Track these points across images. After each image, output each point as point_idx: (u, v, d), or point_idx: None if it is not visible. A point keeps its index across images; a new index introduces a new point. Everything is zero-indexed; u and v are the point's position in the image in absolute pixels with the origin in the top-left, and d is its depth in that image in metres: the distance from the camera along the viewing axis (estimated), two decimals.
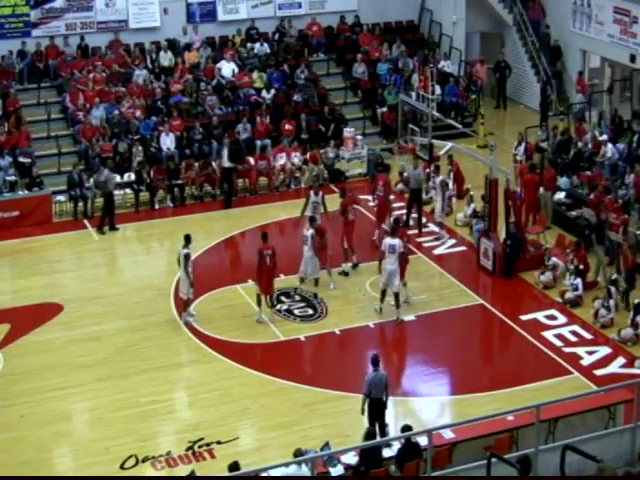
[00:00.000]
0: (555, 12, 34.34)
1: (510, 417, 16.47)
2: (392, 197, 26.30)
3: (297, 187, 28.99)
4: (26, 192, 27.25)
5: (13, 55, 30.79)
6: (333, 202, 25.20)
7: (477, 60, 34.53)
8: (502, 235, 24.15)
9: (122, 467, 17.41)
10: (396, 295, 21.82)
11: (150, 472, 17.35)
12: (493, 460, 12.96)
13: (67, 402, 19.47)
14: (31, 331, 21.74)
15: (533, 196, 25.84)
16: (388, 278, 21.68)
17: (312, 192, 24.49)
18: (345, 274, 23.80)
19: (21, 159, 28.10)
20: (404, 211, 26.28)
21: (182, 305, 22.09)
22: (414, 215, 26.26)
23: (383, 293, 22.01)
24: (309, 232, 22.84)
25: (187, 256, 21.74)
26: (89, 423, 19.09)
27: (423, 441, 14.96)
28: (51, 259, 25.38)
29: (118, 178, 28.03)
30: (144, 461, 17.54)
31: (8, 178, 27.37)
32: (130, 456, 17.62)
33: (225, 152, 27.89)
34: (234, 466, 14.98)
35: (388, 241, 21.84)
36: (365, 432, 16.23)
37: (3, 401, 19.40)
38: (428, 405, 19.64)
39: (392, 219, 23.70)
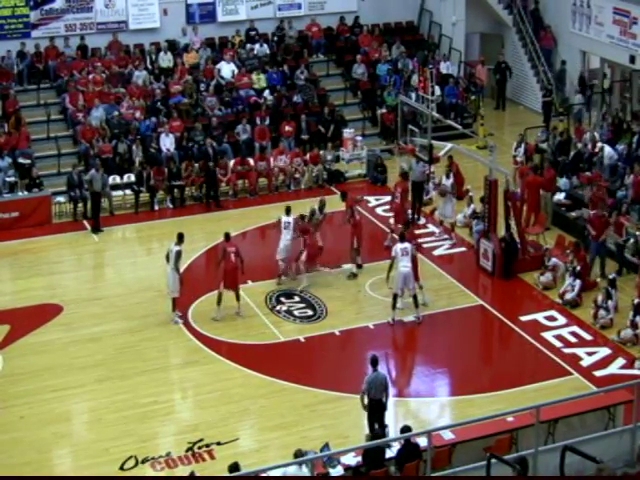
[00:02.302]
0: (555, 13, 34.34)
1: (510, 418, 16.47)
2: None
3: (297, 188, 29.02)
4: (26, 193, 27.26)
5: (13, 56, 30.79)
6: (333, 203, 25.23)
7: (478, 61, 34.54)
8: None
9: (122, 468, 17.40)
10: (414, 296, 21.90)
11: (150, 473, 17.34)
12: (493, 461, 12.96)
13: (67, 403, 19.46)
14: (31, 332, 21.73)
15: (535, 197, 25.83)
16: (404, 281, 21.66)
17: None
18: (354, 276, 23.76)
19: (21, 160, 28.11)
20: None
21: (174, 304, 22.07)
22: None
23: (395, 298, 21.88)
24: (290, 218, 23.27)
25: (179, 253, 21.79)
26: (89, 424, 19.08)
27: (423, 442, 14.98)
28: (51, 260, 25.37)
29: (118, 179, 28.09)
30: (144, 462, 17.53)
31: (8, 179, 27.40)
32: (130, 457, 17.61)
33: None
34: (234, 467, 15.00)
35: (399, 246, 21.88)
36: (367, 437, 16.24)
37: (3, 402, 19.39)
38: (428, 406, 19.64)
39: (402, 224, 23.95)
